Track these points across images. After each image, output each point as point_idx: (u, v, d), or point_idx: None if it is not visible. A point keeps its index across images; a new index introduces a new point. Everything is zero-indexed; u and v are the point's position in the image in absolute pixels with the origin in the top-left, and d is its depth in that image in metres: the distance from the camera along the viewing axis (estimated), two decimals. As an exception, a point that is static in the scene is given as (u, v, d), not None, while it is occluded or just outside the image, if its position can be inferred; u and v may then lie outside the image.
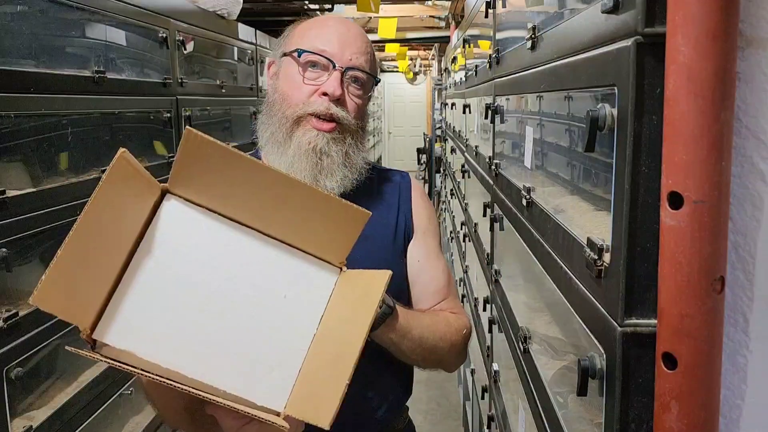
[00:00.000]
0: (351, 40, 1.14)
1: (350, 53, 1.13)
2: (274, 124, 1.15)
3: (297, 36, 1.18)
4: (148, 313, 0.85)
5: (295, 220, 0.90)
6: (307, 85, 1.13)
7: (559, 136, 1.03)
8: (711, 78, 0.56)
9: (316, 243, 0.92)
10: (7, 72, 1.49)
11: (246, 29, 3.42)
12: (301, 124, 1.12)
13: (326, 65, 1.12)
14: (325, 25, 1.17)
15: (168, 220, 0.89)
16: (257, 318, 0.88)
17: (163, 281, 0.87)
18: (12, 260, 1.47)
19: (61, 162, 1.72)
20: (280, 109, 1.14)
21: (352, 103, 1.14)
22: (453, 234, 4.30)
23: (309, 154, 1.10)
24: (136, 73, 2.16)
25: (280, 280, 0.91)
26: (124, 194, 0.84)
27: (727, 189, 0.58)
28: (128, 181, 0.84)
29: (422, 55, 11.47)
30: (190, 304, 0.87)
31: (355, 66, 1.13)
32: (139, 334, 0.83)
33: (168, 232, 0.89)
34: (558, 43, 0.98)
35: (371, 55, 1.18)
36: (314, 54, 1.12)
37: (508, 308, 1.53)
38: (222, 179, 0.87)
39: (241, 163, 0.85)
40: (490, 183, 1.88)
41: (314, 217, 0.89)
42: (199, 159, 0.85)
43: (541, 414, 1.07)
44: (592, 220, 0.83)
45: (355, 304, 0.89)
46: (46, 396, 1.67)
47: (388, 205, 1.24)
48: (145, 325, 0.84)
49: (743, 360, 0.64)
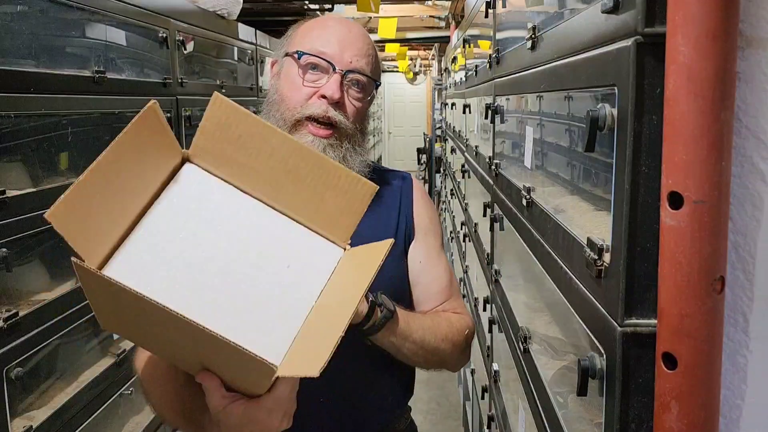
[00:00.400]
0: (352, 42, 1.14)
1: (350, 55, 1.13)
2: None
3: (299, 36, 1.18)
4: (155, 264, 0.87)
5: (305, 195, 0.94)
6: (306, 87, 1.12)
7: (559, 136, 1.03)
8: (711, 78, 0.56)
9: (323, 220, 0.95)
10: (7, 72, 1.49)
11: (246, 29, 3.42)
12: (298, 129, 1.12)
13: (326, 68, 1.12)
14: (326, 27, 1.16)
15: (185, 184, 0.93)
16: (259, 282, 0.90)
17: (173, 237, 0.89)
18: (12, 260, 1.47)
19: (61, 162, 1.72)
20: (279, 110, 1.14)
21: (352, 106, 1.14)
22: (453, 234, 4.30)
23: None
24: (136, 73, 2.16)
25: (286, 250, 0.94)
26: (148, 145, 0.86)
27: (727, 189, 0.58)
28: (153, 134, 0.87)
29: (422, 55, 11.47)
30: (197, 262, 0.89)
31: (355, 69, 1.13)
32: (143, 282, 0.83)
33: (184, 195, 0.92)
34: (558, 43, 0.98)
35: (373, 58, 1.18)
36: (314, 56, 1.12)
37: (508, 308, 1.53)
38: (241, 149, 0.92)
39: (261, 129, 0.90)
40: (490, 183, 1.88)
41: (323, 191, 0.93)
42: (222, 126, 0.91)
43: (541, 414, 1.07)
44: (592, 220, 0.83)
45: (355, 272, 0.91)
46: (46, 396, 1.67)
47: (390, 205, 1.23)
48: (150, 275, 0.86)
49: (743, 360, 0.64)
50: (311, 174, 0.92)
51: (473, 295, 2.66)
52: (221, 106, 0.90)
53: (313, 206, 0.94)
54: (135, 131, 0.82)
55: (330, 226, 0.96)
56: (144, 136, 0.85)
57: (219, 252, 0.91)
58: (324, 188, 0.93)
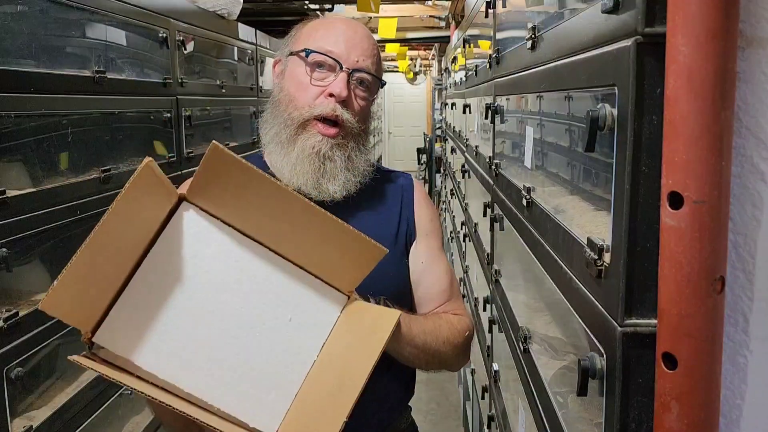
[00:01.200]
0: (358, 42, 1.15)
1: (357, 55, 1.13)
2: (279, 125, 1.15)
3: (304, 36, 1.18)
4: (148, 321, 0.84)
5: (310, 245, 0.89)
6: (313, 86, 1.13)
7: (559, 136, 1.03)
8: (711, 78, 0.56)
9: (327, 269, 0.91)
10: (7, 72, 1.49)
11: (246, 29, 3.42)
12: (306, 128, 1.12)
13: (333, 66, 1.13)
14: (332, 27, 1.17)
15: (181, 228, 0.88)
16: (259, 338, 0.87)
17: (166, 291, 0.86)
18: (12, 260, 1.47)
19: (62, 162, 1.72)
20: (286, 109, 1.14)
21: (357, 105, 1.14)
22: (453, 234, 4.30)
23: (312, 158, 1.11)
24: (136, 73, 2.16)
25: (287, 302, 0.89)
26: (143, 202, 0.83)
27: (727, 189, 0.58)
28: (149, 189, 0.83)
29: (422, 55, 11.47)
30: (192, 317, 0.85)
31: (361, 68, 1.14)
32: (138, 342, 0.83)
33: (179, 241, 0.88)
34: (558, 43, 0.98)
35: (377, 58, 1.19)
36: (322, 54, 1.12)
37: (508, 308, 1.53)
38: (241, 196, 0.86)
39: (263, 183, 0.84)
40: (490, 183, 1.88)
41: (330, 245, 0.88)
42: (221, 174, 0.84)
43: (541, 414, 1.06)
44: (592, 220, 0.83)
45: (361, 338, 0.87)
46: (47, 396, 1.67)
47: (390, 206, 1.24)
48: (144, 333, 0.83)
49: (743, 360, 0.64)
50: (318, 228, 0.87)
51: (473, 295, 2.66)
52: (219, 155, 0.83)
53: (319, 254, 0.90)
54: (130, 194, 0.78)
55: (334, 273, 0.91)
56: (139, 195, 0.81)
57: (217, 308, 0.87)
58: (331, 241, 0.88)
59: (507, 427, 1.58)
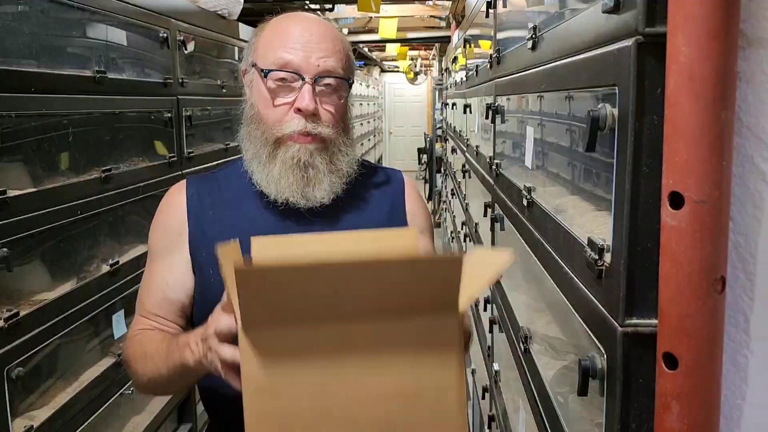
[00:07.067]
0: (315, 44, 1.09)
1: (317, 58, 1.08)
2: (256, 145, 1.11)
3: (262, 46, 1.13)
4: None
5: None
6: (278, 106, 1.09)
7: (559, 136, 1.03)
8: (712, 78, 0.56)
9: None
10: (8, 72, 1.49)
11: (246, 29, 3.42)
12: (283, 143, 1.10)
13: (295, 77, 1.08)
14: (287, 32, 1.12)
15: None
16: None
17: None
18: (12, 260, 1.47)
19: (62, 162, 1.72)
20: (258, 128, 1.11)
21: (328, 113, 1.10)
22: (454, 234, 4.30)
23: (294, 168, 1.09)
24: (136, 73, 2.16)
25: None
26: None
27: (727, 189, 0.58)
28: None
29: (423, 55, 11.47)
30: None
31: (325, 71, 1.08)
32: None
33: None
34: (559, 43, 0.98)
35: (342, 53, 1.12)
36: (280, 71, 1.08)
37: (508, 308, 1.53)
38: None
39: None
40: (491, 183, 1.88)
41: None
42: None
43: (542, 414, 1.06)
44: (592, 220, 0.83)
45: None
46: (47, 396, 1.67)
47: (380, 204, 1.21)
48: None
49: (744, 360, 0.64)
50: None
51: (474, 295, 2.65)
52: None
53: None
54: None
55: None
56: None
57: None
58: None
59: (507, 427, 1.58)
